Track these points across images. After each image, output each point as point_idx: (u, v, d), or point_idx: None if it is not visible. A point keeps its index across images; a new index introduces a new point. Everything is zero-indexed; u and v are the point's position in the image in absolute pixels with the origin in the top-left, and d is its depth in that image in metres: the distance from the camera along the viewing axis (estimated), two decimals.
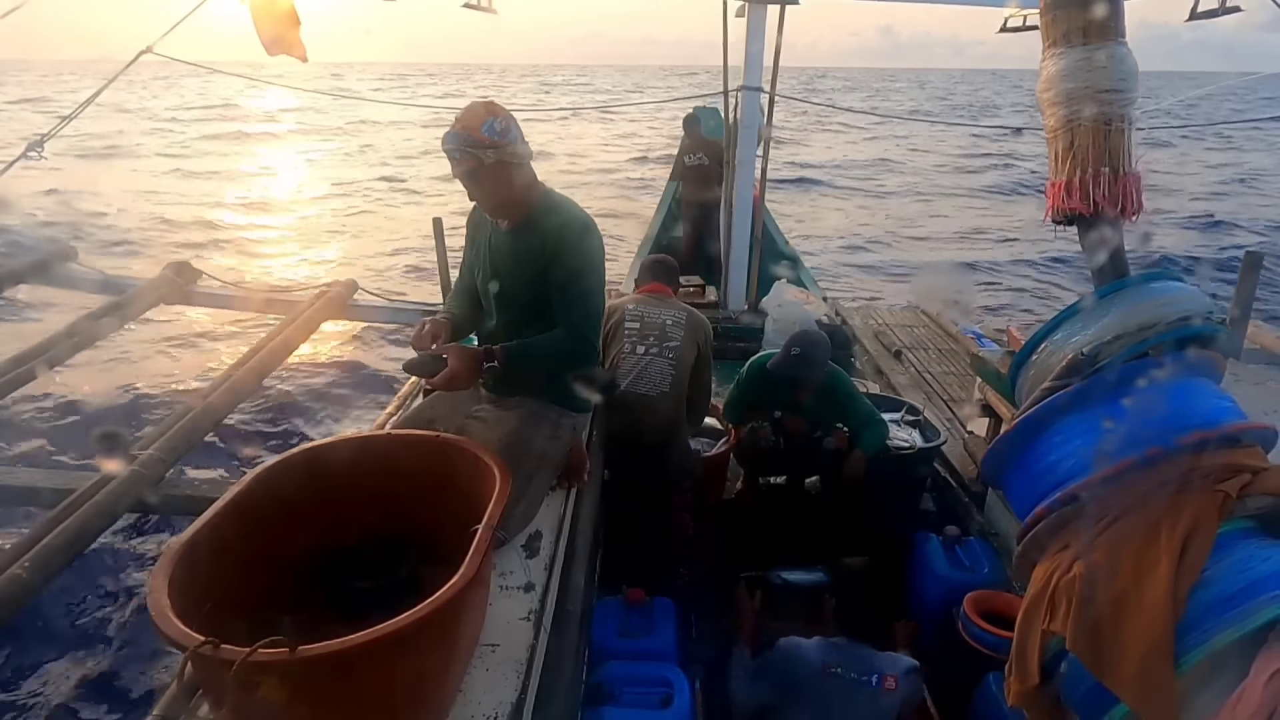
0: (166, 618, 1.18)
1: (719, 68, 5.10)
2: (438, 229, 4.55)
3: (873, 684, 2.20)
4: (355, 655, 1.15)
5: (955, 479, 3.47)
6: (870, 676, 2.22)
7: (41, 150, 3.48)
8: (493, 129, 1.92)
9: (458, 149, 1.92)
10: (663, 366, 2.99)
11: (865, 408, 3.20)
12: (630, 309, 3.12)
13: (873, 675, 2.22)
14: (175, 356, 7.51)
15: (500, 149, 1.93)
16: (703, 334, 3.13)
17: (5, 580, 1.70)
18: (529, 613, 1.80)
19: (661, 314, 3.12)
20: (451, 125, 1.94)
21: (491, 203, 2.06)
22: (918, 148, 29.36)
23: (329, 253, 13.22)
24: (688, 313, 3.15)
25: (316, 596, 1.61)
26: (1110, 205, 1.48)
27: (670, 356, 3.01)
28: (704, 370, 3.16)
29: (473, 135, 1.90)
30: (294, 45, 3.57)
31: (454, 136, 1.92)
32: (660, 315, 3.11)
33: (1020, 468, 1.47)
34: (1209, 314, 1.39)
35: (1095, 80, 1.48)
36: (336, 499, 1.67)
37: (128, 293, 3.42)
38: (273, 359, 3.04)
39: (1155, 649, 1.12)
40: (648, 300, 3.17)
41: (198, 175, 20.83)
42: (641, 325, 3.07)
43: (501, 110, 1.97)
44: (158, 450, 2.29)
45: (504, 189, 2.00)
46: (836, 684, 2.21)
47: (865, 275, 12.22)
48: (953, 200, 19.10)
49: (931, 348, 5.64)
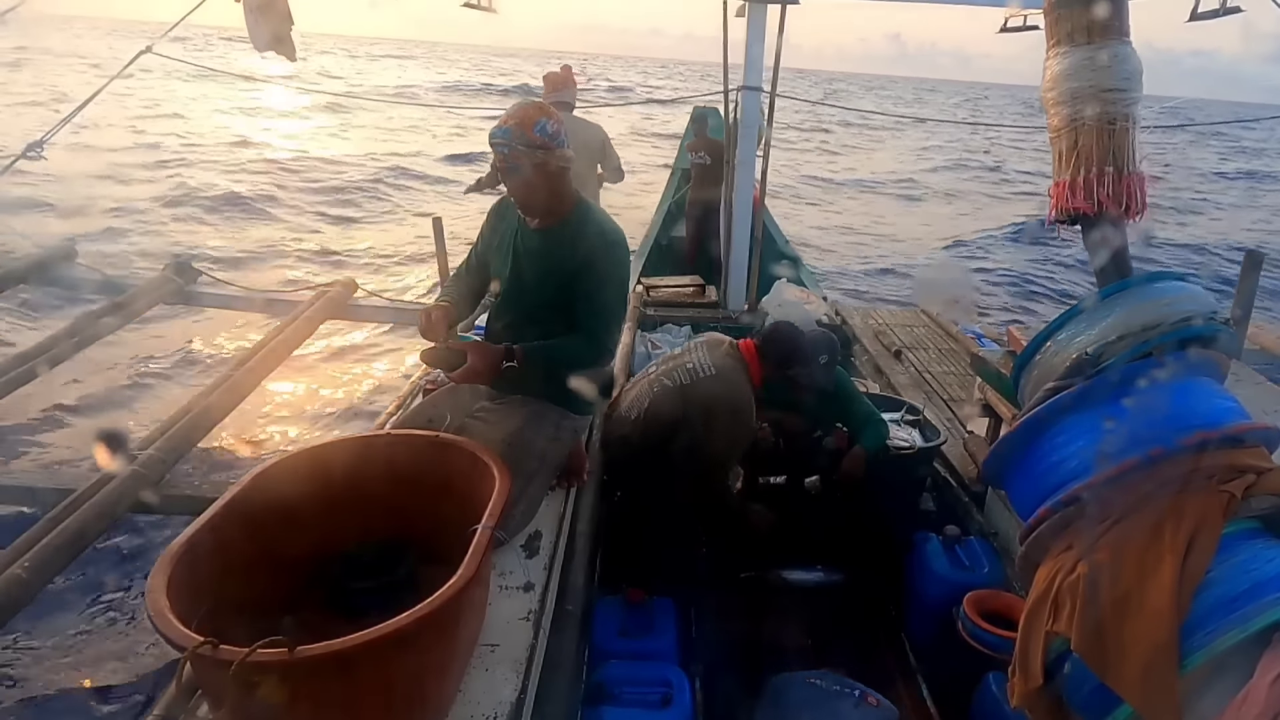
0: (166, 618, 1.17)
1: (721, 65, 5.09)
2: (437, 229, 4.56)
3: (855, 694, 2.23)
4: (355, 655, 1.15)
5: (955, 479, 3.47)
6: (853, 689, 2.25)
7: (41, 150, 3.47)
8: (544, 130, 1.96)
9: (507, 144, 1.96)
10: (644, 389, 2.78)
11: (865, 408, 3.19)
12: (684, 349, 2.80)
13: (855, 689, 2.26)
14: (177, 356, 7.50)
15: (549, 150, 1.97)
16: (701, 404, 2.60)
17: (5, 580, 1.70)
18: (528, 613, 1.80)
19: (700, 357, 2.71)
20: (503, 119, 1.99)
21: (528, 200, 2.08)
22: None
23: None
24: (717, 374, 2.65)
25: (316, 596, 1.61)
26: (1114, 205, 1.47)
27: (655, 389, 2.74)
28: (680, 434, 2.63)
29: (525, 134, 1.94)
30: (285, 44, 3.59)
31: (506, 131, 1.96)
32: (696, 356, 2.72)
33: (1023, 468, 1.46)
34: (1212, 314, 1.39)
35: (1099, 79, 1.47)
36: (336, 499, 1.67)
37: (128, 292, 3.42)
38: (273, 359, 3.04)
39: (1159, 650, 1.11)
40: (713, 344, 2.78)
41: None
42: (678, 353, 2.82)
43: (555, 113, 2.02)
44: (158, 450, 2.30)
45: (545, 190, 2.03)
46: (817, 692, 2.24)
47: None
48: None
49: (931, 348, 5.64)
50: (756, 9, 4.94)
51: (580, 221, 2.08)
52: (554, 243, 2.07)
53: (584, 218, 2.09)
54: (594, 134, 4.64)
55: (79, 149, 13.55)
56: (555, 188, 2.05)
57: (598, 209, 2.17)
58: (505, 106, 2.10)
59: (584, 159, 4.25)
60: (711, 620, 2.98)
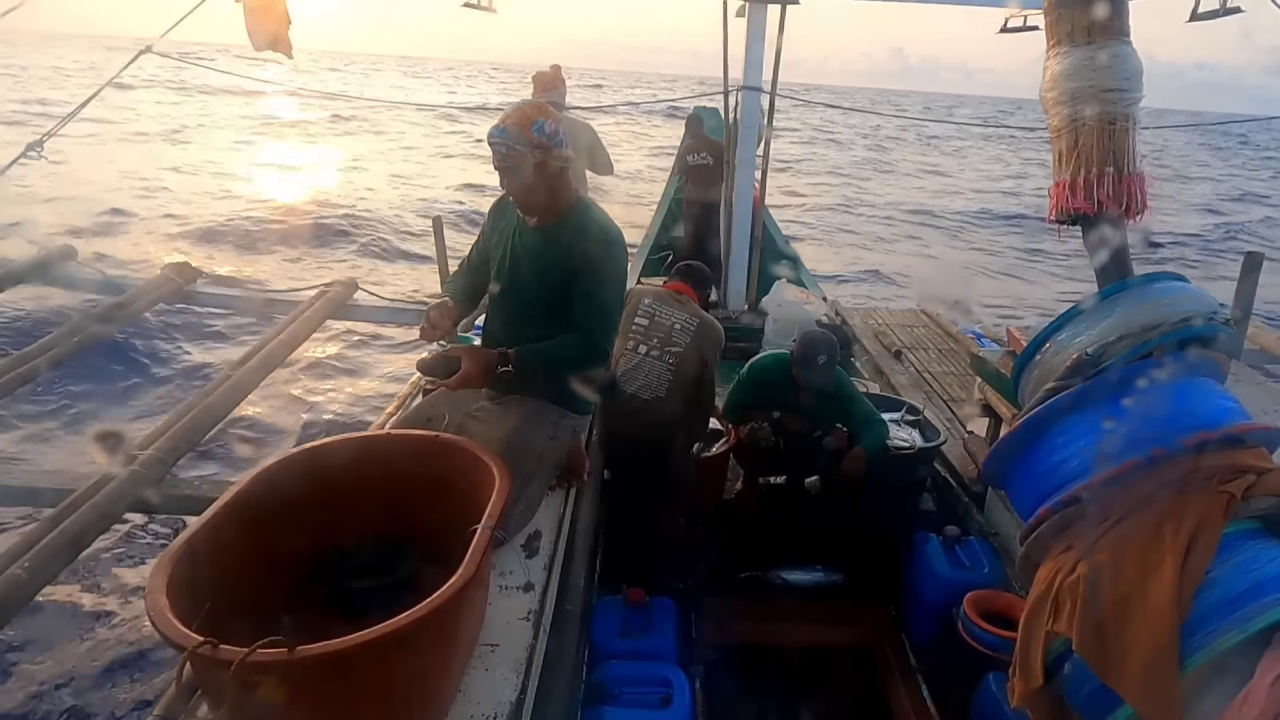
0: (166, 618, 1.17)
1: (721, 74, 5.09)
2: (437, 228, 4.55)
3: None
4: (355, 655, 1.15)
5: (955, 479, 3.47)
6: None
7: (41, 150, 3.47)
8: (542, 130, 1.95)
9: (505, 144, 1.95)
10: (660, 371, 2.94)
11: (865, 408, 3.19)
12: (645, 304, 3.05)
13: None
14: (178, 355, 7.50)
15: (546, 150, 1.97)
16: (711, 346, 3.04)
17: (5, 580, 1.70)
18: (528, 612, 1.80)
19: (673, 316, 3.02)
20: (501, 119, 1.98)
21: (527, 199, 2.07)
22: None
23: None
24: (700, 321, 3.04)
25: (316, 596, 1.61)
26: (1114, 205, 1.47)
27: (670, 361, 2.96)
28: (706, 384, 3.06)
29: (523, 133, 1.94)
30: (283, 43, 3.63)
31: (503, 131, 1.95)
32: (671, 317, 3.02)
33: (1023, 468, 1.46)
34: (1212, 314, 1.38)
35: (1099, 79, 1.47)
36: (336, 499, 1.67)
37: (128, 292, 3.42)
38: (273, 358, 3.04)
39: (1159, 650, 1.11)
40: (665, 298, 3.07)
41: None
42: (650, 324, 3.01)
43: (552, 112, 2.01)
44: (158, 450, 2.29)
45: (542, 189, 2.03)
46: None
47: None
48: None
49: (931, 348, 5.64)
50: (756, 9, 4.93)
51: (579, 220, 2.07)
52: (552, 241, 2.07)
53: (583, 217, 2.08)
54: (583, 133, 4.83)
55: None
56: (553, 187, 2.04)
57: (597, 208, 2.16)
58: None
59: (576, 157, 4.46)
60: (711, 620, 2.98)
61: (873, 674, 2.97)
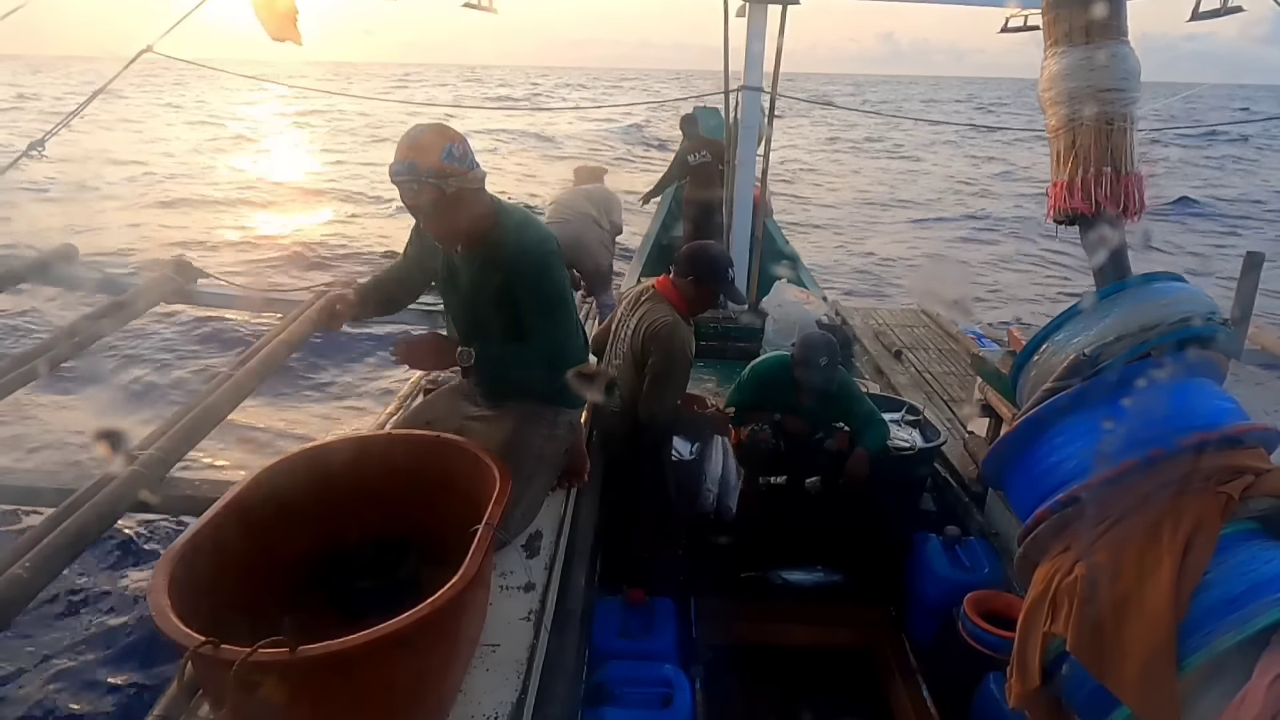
0: (167, 617, 1.18)
1: (715, 72, 5.10)
2: None
3: None
4: (356, 655, 1.15)
5: (955, 479, 3.47)
6: None
7: (43, 149, 3.47)
8: (452, 155, 1.76)
9: (415, 179, 1.75)
10: (628, 375, 2.82)
11: (866, 407, 3.19)
12: (623, 308, 2.94)
13: None
14: (177, 355, 7.51)
15: (462, 175, 1.79)
16: (653, 344, 2.68)
17: (5, 580, 1.70)
18: (529, 613, 1.80)
19: (629, 320, 2.83)
20: (399, 153, 1.76)
21: (449, 232, 1.94)
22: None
23: None
24: (649, 323, 2.71)
25: (317, 596, 1.61)
26: (1112, 205, 1.47)
27: (627, 365, 2.80)
28: (651, 383, 2.70)
29: (432, 164, 1.74)
30: (293, 34, 3.63)
31: (409, 166, 1.74)
32: (627, 322, 2.84)
33: (1021, 469, 1.46)
34: (1211, 314, 1.38)
35: (1097, 79, 1.47)
36: (337, 499, 1.67)
37: (128, 292, 3.42)
38: (273, 358, 3.04)
39: (1157, 651, 1.11)
40: (634, 301, 2.88)
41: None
42: (620, 328, 2.90)
43: (456, 133, 1.81)
44: (158, 450, 2.28)
45: (464, 218, 1.88)
46: None
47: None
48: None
49: (931, 348, 5.64)
50: (757, 9, 4.94)
51: (503, 238, 1.95)
52: (480, 263, 1.98)
53: (507, 233, 1.95)
54: (616, 207, 5.55)
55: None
56: (472, 212, 1.89)
57: (521, 217, 2.02)
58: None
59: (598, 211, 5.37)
60: (711, 620, 2.98)
61: (873, 674, 2.98)
